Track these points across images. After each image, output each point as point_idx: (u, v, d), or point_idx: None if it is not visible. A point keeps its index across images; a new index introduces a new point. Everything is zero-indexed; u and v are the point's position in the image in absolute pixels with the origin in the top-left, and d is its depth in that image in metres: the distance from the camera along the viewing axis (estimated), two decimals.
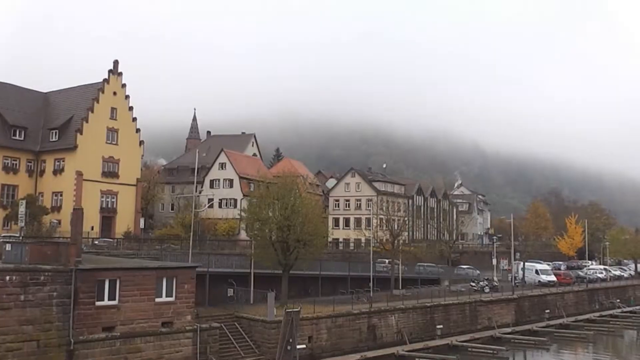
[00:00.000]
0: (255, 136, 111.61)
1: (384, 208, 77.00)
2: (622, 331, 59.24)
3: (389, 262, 67.24)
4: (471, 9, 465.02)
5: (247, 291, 45.83)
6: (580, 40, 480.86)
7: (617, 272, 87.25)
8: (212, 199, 76.86)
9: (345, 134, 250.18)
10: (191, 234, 47.33)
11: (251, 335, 38.43)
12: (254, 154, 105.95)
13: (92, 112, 67.93)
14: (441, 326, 48.89)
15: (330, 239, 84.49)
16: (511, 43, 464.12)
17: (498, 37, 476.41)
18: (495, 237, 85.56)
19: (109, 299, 30.57)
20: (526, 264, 74.05)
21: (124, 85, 71.42)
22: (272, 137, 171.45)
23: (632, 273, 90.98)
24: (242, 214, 52.60)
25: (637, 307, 72.22)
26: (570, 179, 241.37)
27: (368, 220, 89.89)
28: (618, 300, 72.90)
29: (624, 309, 69.87)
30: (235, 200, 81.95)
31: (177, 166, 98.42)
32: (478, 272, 74.60)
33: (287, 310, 36.70)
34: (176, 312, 33.00)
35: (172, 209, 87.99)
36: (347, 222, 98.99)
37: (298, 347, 36.20)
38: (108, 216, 69.11)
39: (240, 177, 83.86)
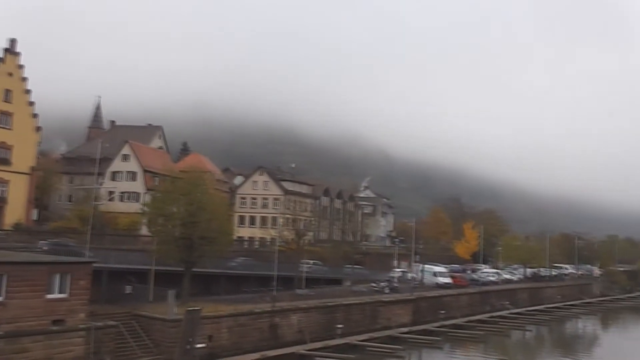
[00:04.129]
0: (162, 129, 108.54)
1: (291, 207, 77.33)
2: (509, 332, 62.77)
3: (314, 263, 68.33)
4: (388, 16, 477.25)
5: (147, 288, 44.46)
6: (482, 56, 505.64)
7: (508, 276, 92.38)
8: (114, 192, 73.96)
9: (255, 131, 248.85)
10: (89, 227, 45.30)
11: (150, 334, 37.31)
12: (160, 147, 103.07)
13: None
14: (342, 326, 49.58)
15: (235, 237, 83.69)
16: (419, 57, 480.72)
17: (407, 49, 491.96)
18: (397, 240, 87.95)
19: None
20: (425, 266, 76.68)
21: (21, 67, 67.22)
22: (180, 130, 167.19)
23: (521, 277, 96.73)
24: (145, 208, 50.96)
25: (524, 309, 76.79)
26: (469, 187, 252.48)
27: (275, 219, 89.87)
28: (507, 303, 77.14)
29: (512, 311, 74.00)
30: (138, 194, 79.36)
31: (77, 156, 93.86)
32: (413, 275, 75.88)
33: (188, 308, 36.03)
34: (69, 309, 31.47)
35: (70, 200, 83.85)
36: (253, 220, 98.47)
37: (198, 346, 35.61)
38: None
39: (145, 171, 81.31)
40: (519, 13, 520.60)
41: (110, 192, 73.81)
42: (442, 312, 63.14)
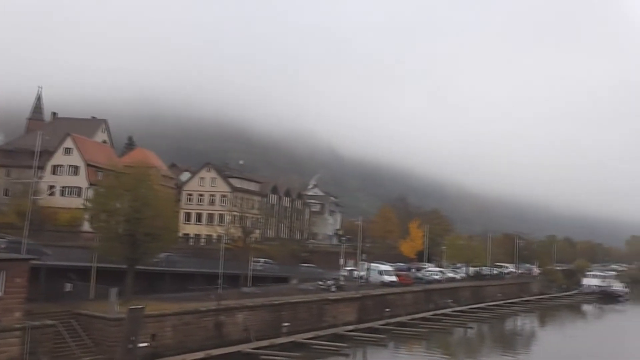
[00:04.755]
0: (107, 122, 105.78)
1: (238, 205, 76.74)
2: (452, 329, 64.12)
3: (265, 261, 68.27)
4: (338, 18, 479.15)
5: (88, 286, 43.19)
6: (427, 57, 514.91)
7: (451, 275, 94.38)
8: (54, 187, 71.53)
9: (204, 128, 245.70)
10: (26, 223, 43.64)
11: (90, 333, 36.26)
12: (105, 141, 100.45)
13: None
14: (288, 324, 49.49)
15: (181, 234, 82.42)
16: (370, 60, 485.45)
17: (356, 47, 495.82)
18: (344, 238, 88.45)
19: None
20: (371, 264, 77.38)
21: None
22: (126, 125, 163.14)
23: (464, 275, 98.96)
24: (88, 204, 49.55)
25: (466, 307, 78.58)
26: (417, 187, 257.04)
27: (222, 216, 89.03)
28: (450, 300, 78.75)
29: (455, 308, 75.60)
30: (80, 188, 77.13)
31: (15, 148, 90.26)
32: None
33: (131, 307, 35.26)
34: (4, 308, 30.26)
35: (7, 194, 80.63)
36: (199, 217, 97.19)
37: (140, 345, 34.89)
38: None
39: (88, 165, 79.06)
40: (469, 19, 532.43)
41: (51, 187, 71.29)
42: (388, 310, 63.80)
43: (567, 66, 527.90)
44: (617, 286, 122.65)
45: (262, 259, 70.82)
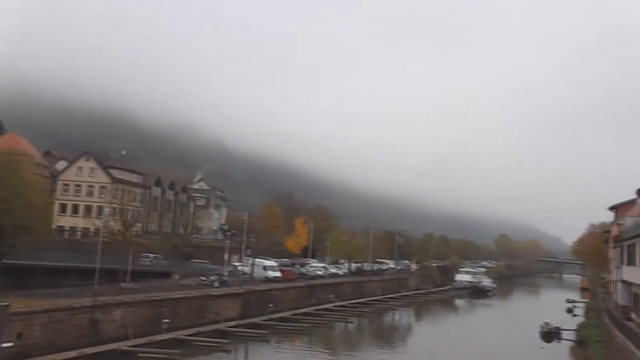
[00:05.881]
0: None
1: (119, 197, 73.79)
2: (333, 323, 65.59)
3: (154, 257, 65.93)
4: (228, 10, 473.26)
5: None
6: (318, 50, 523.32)
7: (334, 270, 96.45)
8: None
9: (84, 114, 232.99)
10: None
11: None
12: None
13: None
14: (168, 320, 48.23)
15: (55, 226, 77.78)
16: (258, 52, 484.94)
17: (245, 38, 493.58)
18: (228, 233, 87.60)
19: None
20: (256, 260, 77.29)
21: None
22: None
23: (347, 271, 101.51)
24: None
25: (348, 302, 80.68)
26: (303, 183, 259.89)
27: (100, 208, 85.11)
28: (333, 296, 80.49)
29: (337, 303, 77.36)
30: None
31: None
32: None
33: None
34: None
35: None
36: (76, 209, 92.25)
37: (4, 345, 32.63)
38: None
39: None
40: (357, 16, 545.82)
41: None
42: (271, 305, 63.82)
43: (452, 67, 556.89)
44: (486, 282, 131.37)
45: (152, 255, 68.67)
